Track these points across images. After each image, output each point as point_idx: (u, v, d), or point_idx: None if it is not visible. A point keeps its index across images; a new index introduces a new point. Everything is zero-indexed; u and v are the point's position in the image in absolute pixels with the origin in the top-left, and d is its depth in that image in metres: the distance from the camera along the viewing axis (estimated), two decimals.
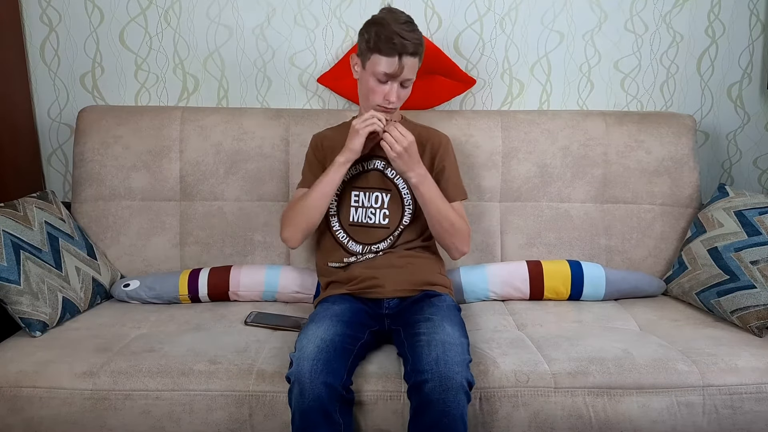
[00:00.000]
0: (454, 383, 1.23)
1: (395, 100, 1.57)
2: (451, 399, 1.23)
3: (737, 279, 1.62)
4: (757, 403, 1.37)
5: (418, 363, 1.28)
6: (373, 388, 1.36)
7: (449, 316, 1.44)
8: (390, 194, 1.65)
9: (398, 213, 1.64)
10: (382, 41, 1.52)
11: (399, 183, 1.65)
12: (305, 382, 1.24)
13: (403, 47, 1.51)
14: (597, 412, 1.36)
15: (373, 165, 1.66)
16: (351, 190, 1.65)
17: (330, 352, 1.30)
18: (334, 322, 1.39)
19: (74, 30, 2.03)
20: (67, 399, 1.35)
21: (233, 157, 1.91)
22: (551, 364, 1.41)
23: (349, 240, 1.64)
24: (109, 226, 1.90)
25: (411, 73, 1.57)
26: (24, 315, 1.51)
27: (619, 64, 2.09)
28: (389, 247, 1.63)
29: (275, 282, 1.79)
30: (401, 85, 1.57)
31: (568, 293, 1.78)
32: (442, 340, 1.31)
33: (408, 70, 1.55)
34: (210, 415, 1.35)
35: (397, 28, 1.52)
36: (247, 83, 2.08)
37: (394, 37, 1.51)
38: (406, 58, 1.53)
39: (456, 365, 1.25)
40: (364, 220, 1.65)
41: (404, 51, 1.52)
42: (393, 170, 1.64)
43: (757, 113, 2.14)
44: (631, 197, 1.93)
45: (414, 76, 1.58)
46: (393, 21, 1.54)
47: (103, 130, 1.91)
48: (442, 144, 1.69)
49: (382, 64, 1.53)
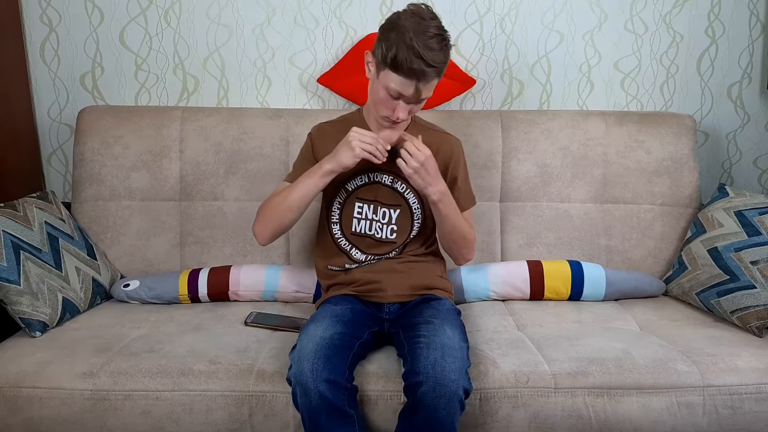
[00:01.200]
0: (449, 390, 1.22)
1: (405, 117, 1.44)
2: (443, 405, 1.21)
3: (737, 279, 1.62)
4: (757, 403, 1.37)
5: (416, 364, 1.26)
6: (373, 387, 1.36)
7: (450, 319, 1.42)
8: (399, 209, 1.56)
9: (407, 227, 1.58)
10: (399, 60, 1.34)
11: (410, 198, 1.56)
12: (308, 381, 1.23)
13: (423, 74, 1.35)
14: (597, 412, 1.36)
15: (380, 179, 1.56)
16: (355, 201, 1.57)
17: (330, 349, 1.28)
18: (333, 321, 1.38)
19: (74, 30, 2.03)
20: (67, 399, 1.35)
21: (233, 157, 1.91)
22: (551, 364, 1.41)
23: (353, 248, 1.60)
24: (109, 226, 1.90)
25: (428, 93, 1.42)
26: (24, 315, 1.51)
27: (619, 64, 2.09)
28: (395, 256, 1.60)
29: (275, 282, 1.79)
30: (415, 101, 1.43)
31: (569, 293, 1.78)
32: (442, 343, 1.29)
33: (426, 91, 1.41)
34: (210, 415, 1.35)
35: (422, 47, 1.33)
36: (247, 83, 2.08)
37: (414, 62, 1.33)
38: (426, 83, 1.38)
39: (453, 372, 1.23)
40: (369, 232, 1.58)
41: (423, 77, 1.36)
42: (403, 184, 1.54)
43: (757, 113, 2.14)
44: (631, 197, 1.93)
45: (431, 94, 1.43)
46: (419, 33, 1.34)
47: (103, 130, 1.91)
48: (454, 152, 1.58)
49: (397, 83, 1.38)
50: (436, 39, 1.36)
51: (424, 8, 1.41)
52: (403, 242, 1.59)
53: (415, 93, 1.39)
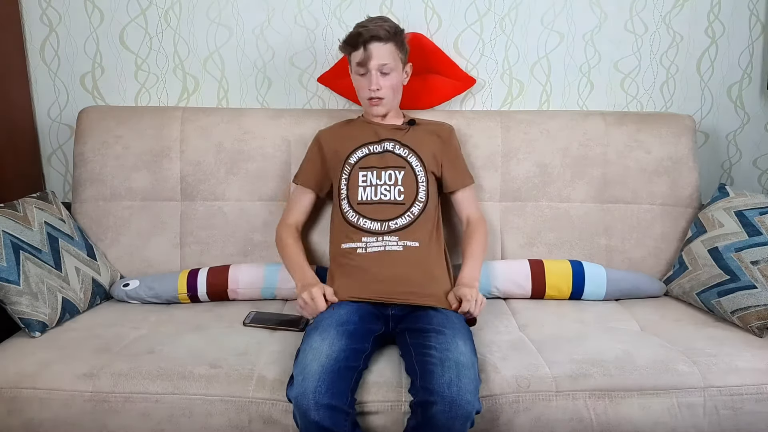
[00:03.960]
0: (464, 412, 1.21)
1: (378, 87, 1.65)
2: (458, 427, 1.21)
3: (738, 279, 1.62)
4: (758, 403, 1.37)
5: (429, 382, 1.24)
6: (373, 398, 1.34)
7: (461, 329, 1.41)
8: (404, 171, 1.67)
9: (413, 189, 1.66)
10: (349, 36, 1.67)
11: (412, 161, 1.69)
12: (309, 404, 1.21)
13: (368, 32, 1.62)
14: (598, 414, 1.36)
15: (382, 147, 1.70)
16: (359, 171, 1.68)
17: (333, 372, 1.26)
18: (338, 333, 1.35)
19: (74, 30, 2.03)
20: (66, 401, 1.35)
21: (234, 157, 1.91)
22: (552, 367, 1.40)
23: (360, 218, 1.62)
24: (110, 226, 1.90)
25: (385, 59, 1.64)
26: (23, 315, 1.51)
27: (619, 65, 2.09)
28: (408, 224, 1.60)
29: (274, 279, 1.79)
30: (381, 72, 1.65)
31: (570, 291, 1.78)
32: (456, 361, 1.27)
33: (379, 55, 1.63)
34: (209, 420, 1.34)
35: (364, 22, 1.67)
36: (247, 83, 2.08)
37: (358, 29, 1.65)
38: (372, 44, 1.63)
39: (468, 393, 1.22)
40: (375, 197, 1.65)
41: (369, 37, 1.62)
42: (405, 149, 1.70)
43: (757, 113, 2.14)
44: (631, 197, 1.93)
45: (391, 62, 1.65)
46: (365, 20, 1.68)
47: (103, 131, 1.91)
48: (443, 136, 1.77)
49: (353, 56, 1.67)
50: (377, 18, 1.68)
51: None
52: (412, 204, 1.64)
53: (368, 56, 1.63)
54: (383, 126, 1.74)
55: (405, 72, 1.73)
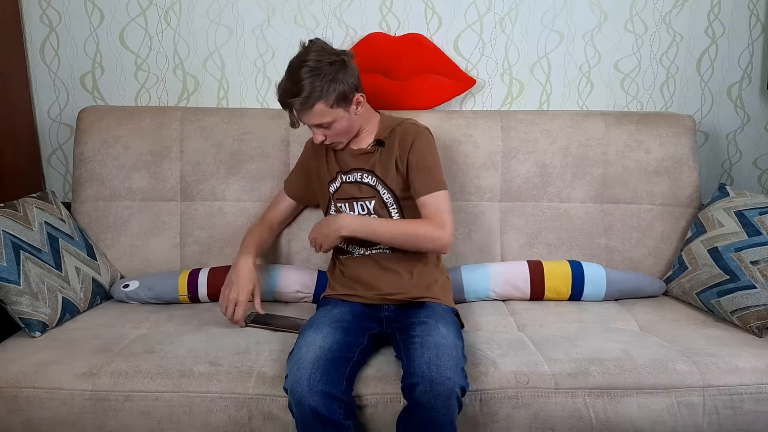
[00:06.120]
0: (445, 389, 1.22)
1: (323, 139, 1.54)
2: (440, 405, 1.22)
3: (737, 279, 1.62)
4: (758, 403, 1.37)
5: (411, 365, 1.26)
6: (372, 391, 1.36)
7: (444, 317, 1.43)
8: (374, 200, 1.59)
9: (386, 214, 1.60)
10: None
11: (380, 189, 1.59)
12: (303, 393, 1.23)
13: (286, 106, 1.49)
14: (597, 412, 1.36)
15: (353, 177, 1.61)
16: (336, 203, 1.64)
17: (328, 361, 1.28)
18: (333, 328, 1.38)
19: (74, 30, 2.03)
20: (66, 400, 1.35)
21: (233, 157, 1.91)
22: (551, 364, 1.41)
23: (349, 246, 1.63)
24: (109, 226, 1.90)
25: (316, 119, 1.49)
26: (24, 315, 1.51)
27: (619, 65, 2.09)
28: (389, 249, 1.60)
29: (275, 281, 1.79)
30: (321, 126, 1.51)
31: (569, 293, 1.78)
32: (436, 342, 1.29)
33: (309, 118, 1.49)
34: (209, 417, 1.35)
35: (281, 82, 1.49)
36: (247, 83, 2.08)
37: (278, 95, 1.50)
38: (298, 113, 1.49)
39: (448, 370, 1.24)
40: None
41: (292, 110, 1.49)
42: (373, 176, 1.58)
43: (757, 113, 2.14)
44: (631, 197, 1.93)
45: (327, 118, 1.49)
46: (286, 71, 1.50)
47: (103, 131, 1.91)
48: (408, 140, 1.57)
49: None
50: (290, 73, 1.48)
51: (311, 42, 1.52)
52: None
53: (297, 123, 1.53)
54: (353, 153, 1.62)
55: (354, 105, 1.53)
